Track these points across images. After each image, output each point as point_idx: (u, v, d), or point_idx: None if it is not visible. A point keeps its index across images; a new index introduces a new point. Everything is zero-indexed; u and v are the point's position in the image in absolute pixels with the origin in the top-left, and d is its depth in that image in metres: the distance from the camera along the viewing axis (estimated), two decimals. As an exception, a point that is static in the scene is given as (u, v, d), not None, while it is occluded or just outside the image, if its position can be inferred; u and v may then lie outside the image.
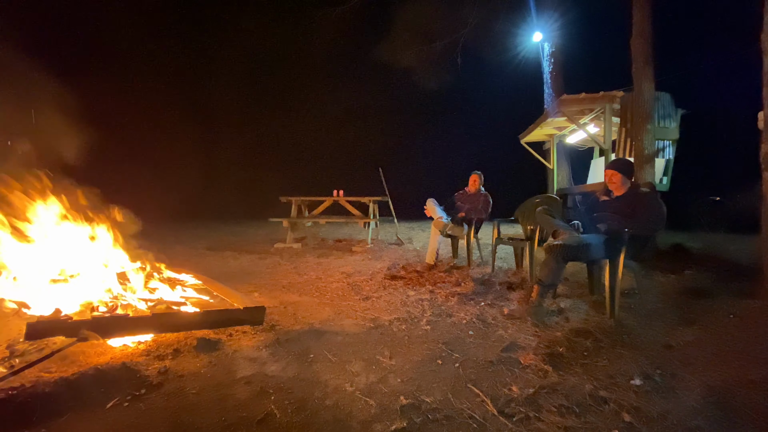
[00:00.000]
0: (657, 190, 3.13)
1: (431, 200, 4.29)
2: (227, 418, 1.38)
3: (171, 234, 6.92)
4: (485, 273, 3.80)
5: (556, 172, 7.15)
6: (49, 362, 1.70)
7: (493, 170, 5.27)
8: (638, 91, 4.20)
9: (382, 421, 1.37)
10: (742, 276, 3.03)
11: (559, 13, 7.31)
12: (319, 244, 6.21)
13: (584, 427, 1.34)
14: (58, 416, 1.36)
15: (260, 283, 3.58)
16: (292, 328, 2.34)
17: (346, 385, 1.62)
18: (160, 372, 1.69)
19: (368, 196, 6.19)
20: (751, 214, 2.84)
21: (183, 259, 3.02)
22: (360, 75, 14.44)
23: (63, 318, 1.82)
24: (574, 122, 5.50)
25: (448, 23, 8.71)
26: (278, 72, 15.94)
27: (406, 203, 7.74)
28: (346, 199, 6.28)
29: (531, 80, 8.43)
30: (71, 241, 2.42)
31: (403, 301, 2.95)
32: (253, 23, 13.43)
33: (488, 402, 1.49)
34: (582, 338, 2.10)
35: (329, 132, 16.06)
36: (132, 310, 2.02)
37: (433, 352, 1.98)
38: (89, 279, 2.27)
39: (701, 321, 2.32)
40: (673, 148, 4.80)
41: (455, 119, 17.90)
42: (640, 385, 1.60)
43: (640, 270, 3.17)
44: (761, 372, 1.65)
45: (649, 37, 4.16)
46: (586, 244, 2.45)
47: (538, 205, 3.18)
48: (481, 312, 2.63)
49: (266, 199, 7.82)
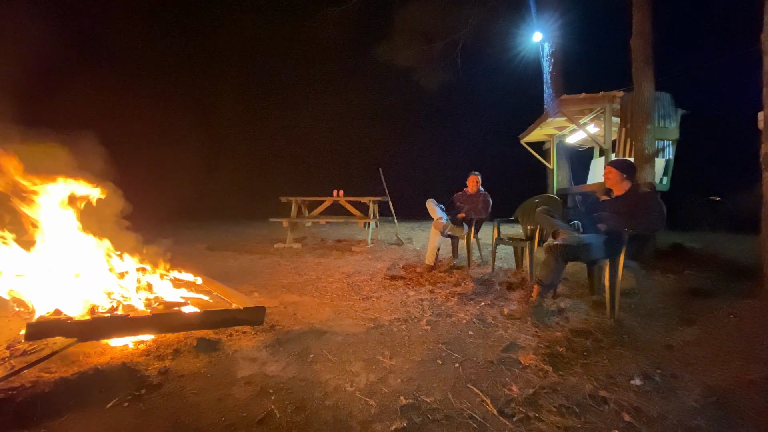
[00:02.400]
0: (657, 190, 3.13)
1: (431, 200, 4.29)
2: (227, 418, 1.38)
3: (171, 234, 6.91)
4: (485, 273, 3.80)
5: (556, 172, 7.15)
6: (49, 362, 1.70)
7: (493, 170, 5.28)
8: (638, 91, 4.20)
9: (382, 421, 1.37)
10: (742, 276, 3.03)
11: (559, 13, 7.31)
12: (319, 244, 6.21)
13: (584, 427, 1.34)
14: (58, 416, 1.36)
15: (260, 283, 3.58)
16: (292, 328, 2.34)
17: (346, 385, 1.62)
18: (160, 372, 1.69)
19: (368, 196, 6.19)
20: (751, 214, 2.83)
21: (183, 259, 3.02)
22: (360, 75, 14.44)
23: (63, 318, 1.82)
24: (574, 122, 5.50)
25: (448, 23, 8.73)
26: (279, 72, 15.93)
27: (406, 203, 7.74)
28: (346, 199, 6.28)
29: (531, 80, 8.44)
30: (72, 241, 2.42)
31: (403, 301, 2.95)
32: (253, 23, 13.44)
33: (488, 402, 1.49)
34: (582, 338, 2.10)
35: (329, 132, 16.06)
36: (132, 310, 2.02)
37: (433, 352, 1.98)
38: (90, 279, 2.27)
39: (701, 321, 2.32)
40: (673, 148, 4.80)
41: (455, 119, 17.90)
42: (640, 385, 1.60)
43: (640, 270, 3.17)
44: (761, 372, 1.65)
45: (649, 37, 4.16)
46: (586, 244, 2.45)
47: (538, 205, 3.18)
48: (481, 312, 2.63)
49: (266, 199, 7.82)
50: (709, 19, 10.31)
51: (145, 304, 2.14)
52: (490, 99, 14.36)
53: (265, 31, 13.32)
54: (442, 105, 16.65)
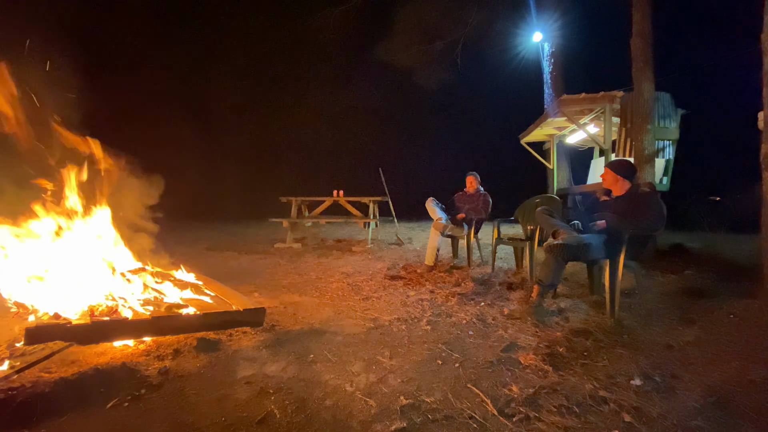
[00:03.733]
0: (657, 190, 3.13)
1: (431, 200, 4.29)
2: (227, 418, 1.38)
3: (171, 234, 6.90)
4: (485, 273, 3.80)
5: (556, 172, 7.14)
6: (49, 362, 1.70)
7: (493, 170, 5.29)
8: (638, 91, 4.20)
9: (382, 421, 1.37)
10: (742, 276, 3.03)
11: (559, 13, 7.31)
12: (319, 244, 6.21)
13: (584, 427, 1.34)
14: (58, 416, 1.36)
15: (260, 283, 3.58)
16: (292, 328, 2.34)
17: (346, 385, 1.62)
18: (160, 372, 1.69)
19: (368, 196, 6.19)
20: (751, 214, 2.83)
21: (183, 259, 3.02)
22: (360, 75, 14.43)
23: (62, 322, 1.81)
24: (574, 122, 5.50)
25: (448, 23, 8.73)
26: (279, 72, 15.93)
27: (406, 203, 7.74)
28: (346, 199, 6.28)
29: (531, 80, 8.44)
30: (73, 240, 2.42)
31: (403, 301, 2.95)
32: (253, 23, 13.44)
33: (488, 402, 1.49)
34: (582, 338, 2.10)
35: (329, 132, 16.06)
36: (132, 313, 2.02)
37: (433, 352, 1.98)
38: (90, 280, 2.27)
39: (701, 321, 2.32)
40: (673, 148, 4.80)
41: (455, 119, 17.91)
42: (640, 385, 1.60)
43: (640, 270, 3.17)
44: (761, 372, 1.65)
45: (649, 37, 4.16)
46: (586, 244, 2.45)
47: (538, 205, 3.18)
48: (481, 312, 2.63)
49: (266, 199, 7.81)
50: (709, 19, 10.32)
51: (144, 307, 2.14)
52: (490, 99, 14.39)
53: (265, 31, 13.33)
54: (442, 105, 16.68)
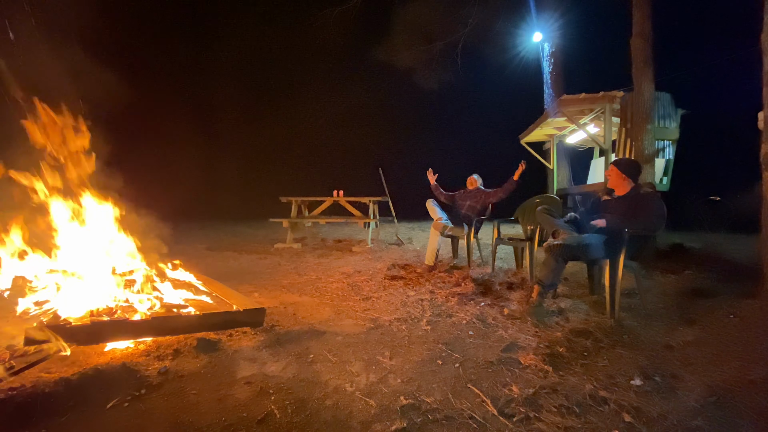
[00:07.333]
0: (657, 190, 3.13)
1: (431, 200, 4.30)
2: (227, 418, 1.38)
3: (171, 234, 6.91)
4: (485, 273, 3.80)
5: (556, 172, 7.14)
6: (49, 362, 1.70)
7: (493, 170, 5.27)
8: (638, 91, 4.19)
9: (382, 421, 1.37)
10: (742, 276, 3.03)
11: (559, 13, 7.31)
12: (319, 245, 6.21)
13: (584, 427, 1.34)
14: (58, 416, 1.36)
15: (260, 283, 3.58)
16: (292, 328, 2.34)
17: (346, 386, 1.62)
18: (160, 372, 1.69)
19: (368, 196, 6.19)
20: (751, 214, 2.83)
21: (183, 260, 3.02)
22: (360, 75, 14.45)
23: (62, 323, 1.81)
24: (574, 122, 5.50)
25: (448, 23, 8.72)
26: (278, 72, 15.95)
27: (406, 203, 7.74)
28: (346, 199, 6.28)
29: (531, 80, 8.43)
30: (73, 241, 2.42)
31: (403, 301, 2.95)
32: (253, 23, 13.43)
33: (488, 402, 1.49)
34: (582, 338, 2.10)
35: (329, 132, 16.06)
36: (132, 312, 2.02)
37: (433, 352, 1.98)
38: (90, 280, 2.27)
39: (701, 321, 2.32)
40: (673, 148, 4.80)
41: (455, 119, 17.91)
42: (640, 386, 1.60)
43: (640, 270, 3.16)
44: (761, 372, 1.65)
45: (649, 37, 4.16)
46: (586, 244, 2.45)
47: (538, 205, 3.18)
48: (481, 312, 2.63)
49: (266, 199, 7.82)
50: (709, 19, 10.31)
51: (145, 307, 2.13)
52: (490, 99, 14.38)
53: (265, 31, 13.32)
54: (442, 105, 16.67)
